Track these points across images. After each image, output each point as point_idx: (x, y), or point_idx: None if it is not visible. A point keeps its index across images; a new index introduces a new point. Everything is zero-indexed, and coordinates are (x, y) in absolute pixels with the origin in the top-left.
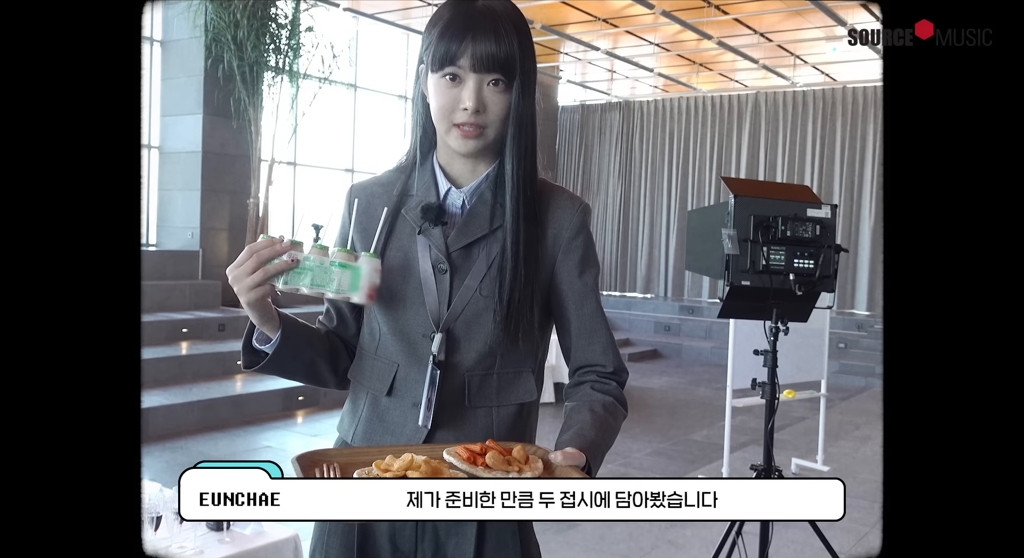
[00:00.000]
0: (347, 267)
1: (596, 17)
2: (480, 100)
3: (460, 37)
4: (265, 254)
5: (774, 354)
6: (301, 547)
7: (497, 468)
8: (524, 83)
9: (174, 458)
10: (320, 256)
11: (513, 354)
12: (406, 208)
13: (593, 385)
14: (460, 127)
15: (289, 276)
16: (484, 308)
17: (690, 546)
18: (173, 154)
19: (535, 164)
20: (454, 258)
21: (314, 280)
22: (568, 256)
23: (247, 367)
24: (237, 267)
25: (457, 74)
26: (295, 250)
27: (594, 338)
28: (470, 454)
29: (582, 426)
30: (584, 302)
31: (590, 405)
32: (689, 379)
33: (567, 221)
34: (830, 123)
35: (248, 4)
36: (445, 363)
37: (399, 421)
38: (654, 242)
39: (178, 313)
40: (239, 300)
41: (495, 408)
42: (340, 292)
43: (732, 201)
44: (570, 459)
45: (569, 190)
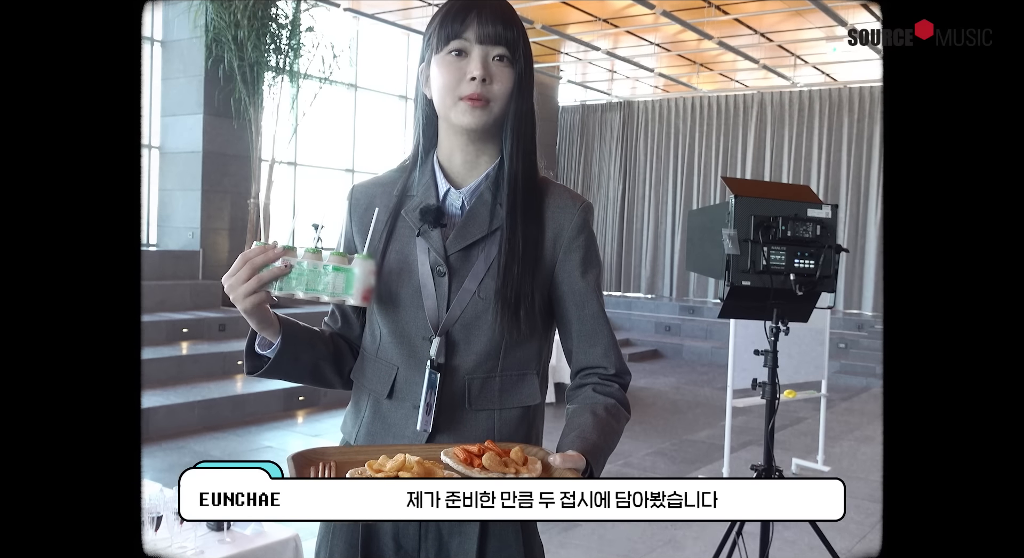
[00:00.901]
0: (341, 270)
1: (596, 17)
2: (487, 69)
3: (464, 14)
4: (258, 261)
5: (774, 354)
6: (301, 547)
7: (493, 470)
8: (526, 69)
9: (175, 458)
10: (314, 260)
11: (516, 356)
12: (406, 209)
13: (595, 387)
14: (466, 99)
15: (283, 281)
16: (483, 310)
17: (690, 546)
18: (174, 154)
19: (535, 161)
20: (452, 261)
21: (308, 284)
22: (569, 256)
23: (250, 372)
24: (231, 276)
25: (463, 48)
26: (288, 255)
27: (596, 340)
28: (467, 455)
29: (583, 429)
30: (586, 303)
31: (592, 408)
32: (689, 379)
33: (568, 221)
34: (836, 123)
35: (249, 4)
36: (445, 366)
37: (400, 423)
38: (657, 242)
39: (178, 313)
40: (244, 315)
41: (497, 411)
42: (335, 295)
43: (732, 201)
44: (569, 461)
45: (571, 189)
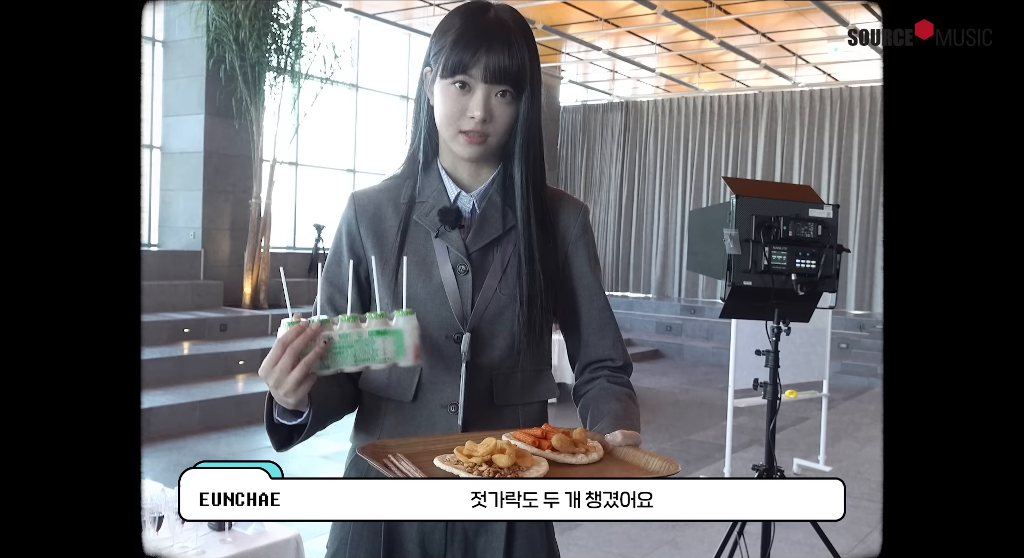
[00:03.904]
0: (386, 333)
1: (598, 17)
2: (488, 110)
3: (474, 48)
4: (299, 345)
5: (776, 354)
6: (303, 547)
7: (564, 450)
8: (533, 94)
9: (176, 458)
10: (355, 329)
11: (534, 352)
12: (417, 214)
13: (608, 379)
14: (466, 134)
15: (330, 359)
16: (505, 306)
17: (691, 547)
18: (175, 154)
19: (543, 168)
20: (474, 258)
21: (357, 356)
22: (577, 253)
23: (279, 450)
24: (273, 366)
25: (467, 83)
26: (327, 329)
27: (605, 333)
28: (533, 439)
29: (616, 414)
30: (595, 297)
31: (615, 394)
32: (691, 379)
33: (573, 220)
34: (847, 124)
35: (250, 4)
36: (471, 363)
37: (427, 425)
38: (659, 242)
39: (180, 313)
40: (282, 401)
41: (520, 406)
42: (387, 360)
43: (734, 201)
44: (629, 438)
45: (567, 192)
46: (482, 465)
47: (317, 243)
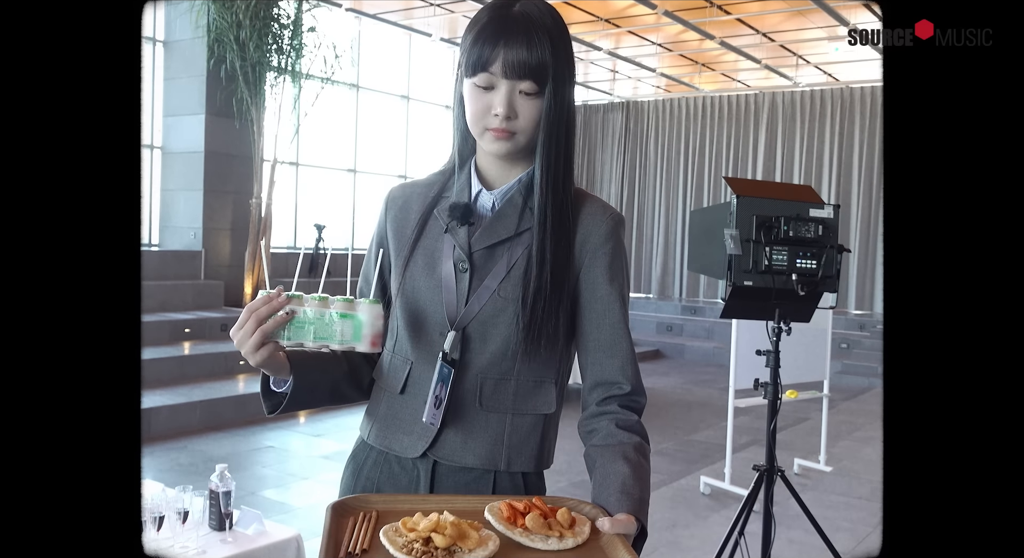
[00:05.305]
0: (348, 317)
1: (598, 17)
2: (511, 106)
3: (493, 43)
4: (263, 312)
5: (776, 354)
6: (303, 547)
7: (536, 532)
8: (557, 90)
9: (177, 458)
10: (319, 308)
11: (535, 361)
12: (438, 208)
13: (617, 422)
14: (492, 130)
15: (291, 331)
16: (502, 310)
17: (691, 547)
18: (176, 154)
19: (569, 170)
20: (476, 258)
21: (316, 333)
22: (595, 262)
23: (270, 413)
24: (238, 329)
25: (490, 82)
26: (294, 303)
27: (614, 352)
28: (511, 513)
29: (624, 482)
30: (607, 312)
31: (623, 452)
32: (691, 379)
33: (595, 228)
34: (848, 124)
35: (251, 4)
36: (458, 363)
37: (411, 419)
38: (659, 242)
39: (180, 313)
40: (252, 363)
41: (510, 415)
42: (344, 343)
43: (734, 201)
44: (619, 527)
45: (604, 200)
46: (417, 542)
47: (317, 243)
